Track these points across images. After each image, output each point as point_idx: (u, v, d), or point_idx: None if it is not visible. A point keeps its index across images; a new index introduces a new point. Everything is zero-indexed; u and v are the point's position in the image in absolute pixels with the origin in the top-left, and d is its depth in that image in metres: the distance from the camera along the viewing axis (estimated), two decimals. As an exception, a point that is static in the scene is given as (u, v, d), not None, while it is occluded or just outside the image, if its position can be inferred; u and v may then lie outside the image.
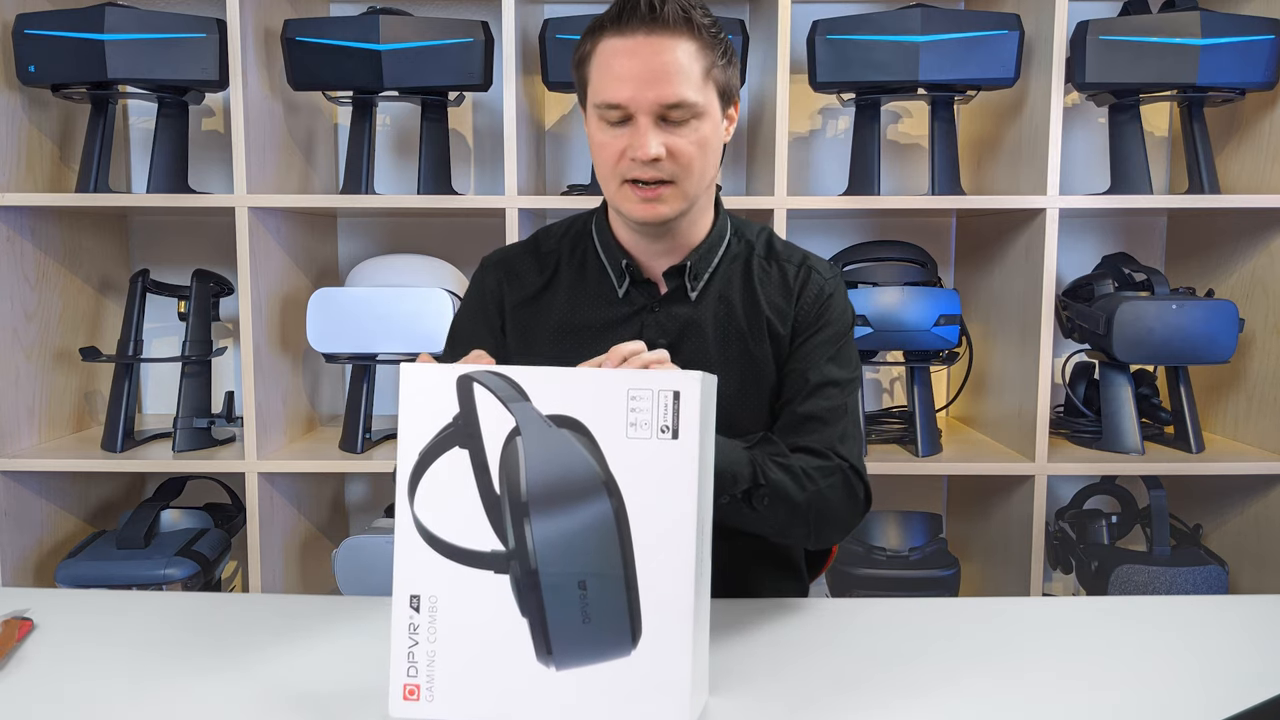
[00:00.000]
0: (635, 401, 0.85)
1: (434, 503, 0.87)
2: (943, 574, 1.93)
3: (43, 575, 2.01)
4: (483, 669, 0.87)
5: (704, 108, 1.10)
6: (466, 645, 0.87)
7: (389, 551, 1.83)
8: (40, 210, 2.02)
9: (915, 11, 1.87)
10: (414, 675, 0.87)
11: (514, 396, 0.86)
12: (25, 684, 0.99)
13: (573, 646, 0.86)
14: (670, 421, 0.85)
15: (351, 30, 1.88)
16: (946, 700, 0.95)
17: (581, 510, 0.85)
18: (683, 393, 0.85)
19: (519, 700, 0.86)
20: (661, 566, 0.85)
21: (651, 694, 0.85)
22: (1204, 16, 1.85)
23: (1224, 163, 2.12)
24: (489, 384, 0.86)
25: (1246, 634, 1.12)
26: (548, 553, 0.86)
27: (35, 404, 2.04)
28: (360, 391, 2.02)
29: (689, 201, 1.15)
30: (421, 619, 0.87)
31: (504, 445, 0.86)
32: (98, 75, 1.87)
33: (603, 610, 0.85)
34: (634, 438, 0.85)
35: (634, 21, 1.08)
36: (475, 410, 0.86)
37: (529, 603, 0.86)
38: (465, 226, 2.31)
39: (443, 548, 0.87)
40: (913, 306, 1.92)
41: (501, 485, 0.86)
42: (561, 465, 0.86)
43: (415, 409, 0.87)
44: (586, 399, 0.86)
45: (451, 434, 0.87)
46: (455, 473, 0.87)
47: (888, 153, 2.31)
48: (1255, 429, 2.04)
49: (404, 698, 0.87)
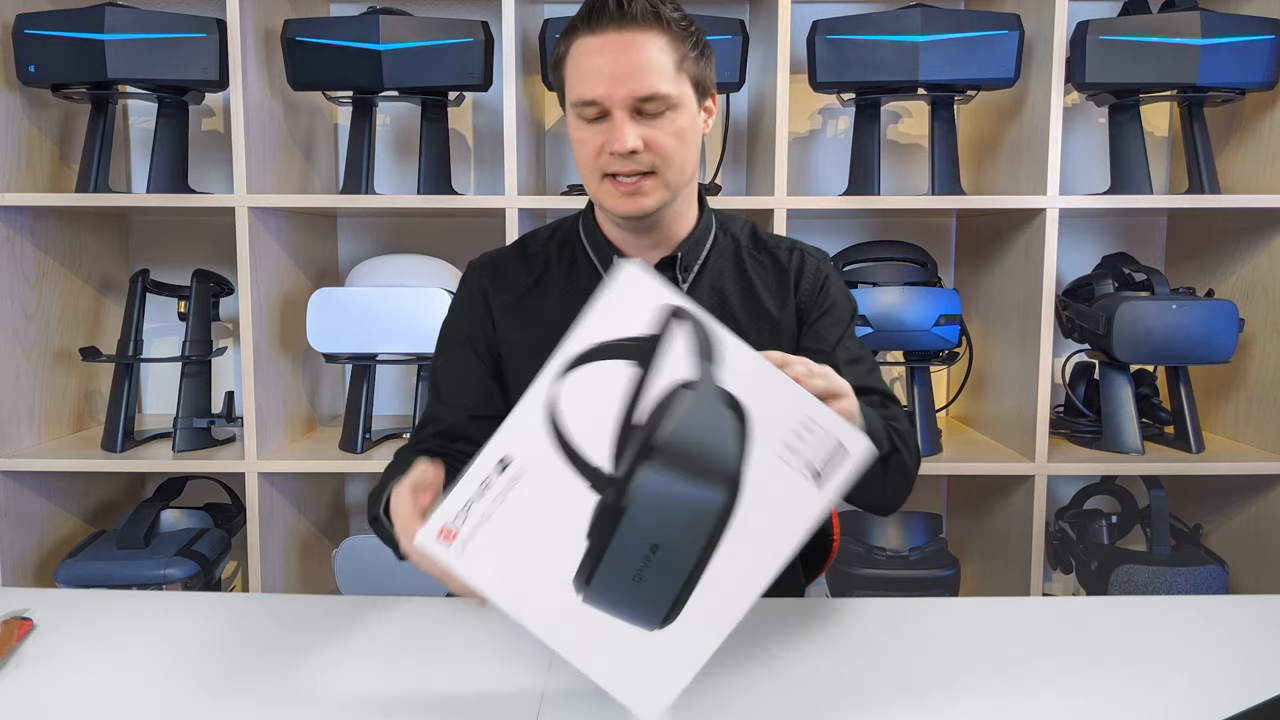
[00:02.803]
0: (804, 430, 0.85)
1: (577, 393, 0.85)
2: (943, 574, 1.93)
3: (43, 575, 2.01)
4: (520, 558, 0.85)
5: (678, 99, 1.12)
6: (521, 529, 0.85)
7: (389, 553, 1.84)
8: (40, 210, 2.02)
9: (915, 11, 1.87)
10: (458, 522, 0.84)
11: (705, 354, 0.85)
12: (25, 684, 0.99)
13: (611, 593, 0.85)
14: (823, 468, 0.85)
15: (351, 30, 1.88)
16: (946, 700, 0.95)
17: (696, 488, 0.84)
18: (849, 450, 0.85)
19: (531, 602, 0.85)
20: (731, 582, 0.85)
21: (645, 674, 0.85)
22: (1204, 16, 1.85)
23: (1224, 163, 2.12)
24: (693, 331, 0.85)
25: (1246, 634, 1.12)
26: (643, 502, 0.84)
27: (35, 404, 2.04)
28: (360, 391, 2.02)
29: (671, 192, 1.16)
30: (498, 482, 0.84)
31: (670, 389, 0.85)
32: (98, 75, 1.87)
33: (656, 581, 0.84)
34: (783, 460, 0.85)
35: (603, 20, 1.10)
36: (668, 342, 0.85)
37: (599, 531, 0.84)
38: (465, 226, 2.31)
39: (560, 435, 0.85)
40: (913, 306, 1.92)
41: (644, 419, 0.84)
42: (706, 440, 0.84)
43: (619, 305, 0.86)
44: (765, 397, 0.85)
45: (636, 347, 0.85)
46: (612, 381, 0.85)
47: (888, 153, 2.31)
48: (1255, 429, 2.04)
49: (436, 535, 0.84)
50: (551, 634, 0.85)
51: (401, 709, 0.93)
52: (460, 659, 1.05)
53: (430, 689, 0.97)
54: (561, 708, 0.93)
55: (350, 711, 0.93)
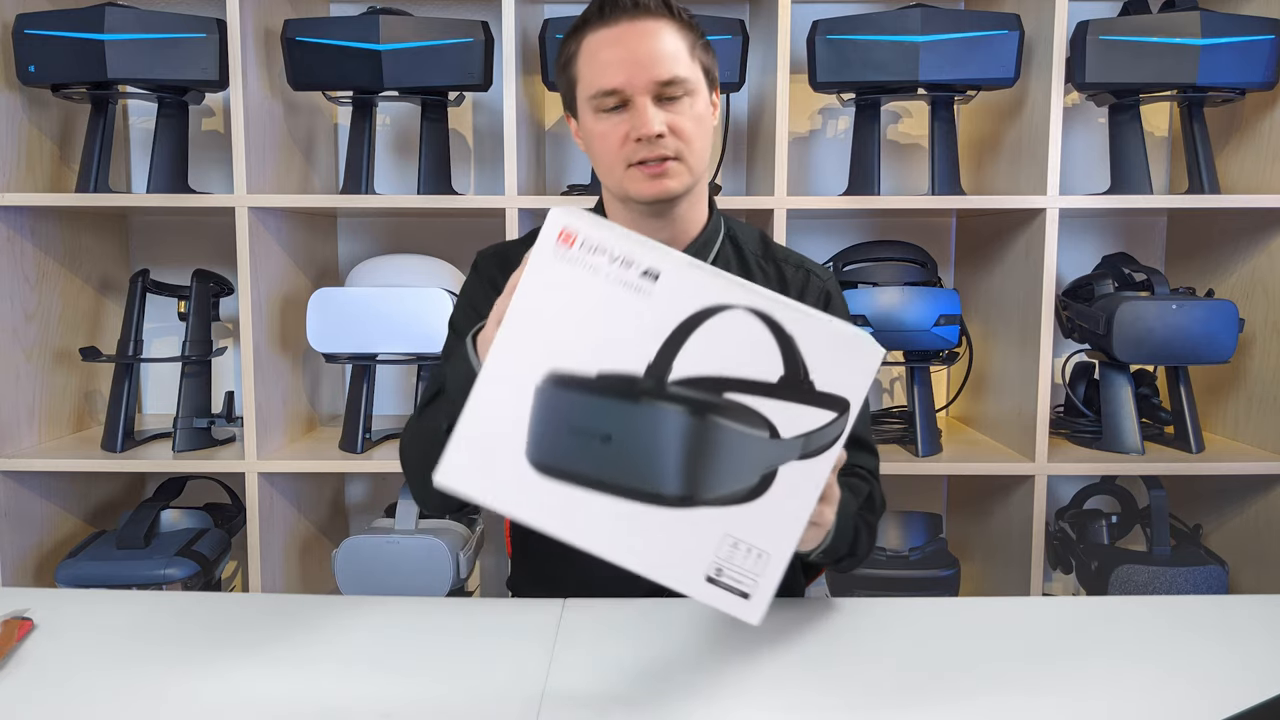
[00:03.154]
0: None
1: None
2: (943, 574, 1.93)
3: (43, 575, 2.01)
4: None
5: (695, 84, 1.14)
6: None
7: (389, 552, 1.84)
8: (40, 210, 2.02)
9: (915, 11, 1.87)
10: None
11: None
12: (25, 684, 0.99)
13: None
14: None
15: (351, 30, 1.88)
16: (946, 700, 0.95)
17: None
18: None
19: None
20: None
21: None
22: (1204, 16, 1.85)
23: (1224, 163, 2.12)
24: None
25: (1246, 634, 1.12)
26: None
27: (35, 404, 2.04)
28: (360, 391, 2.02)
29: (694, 178, 1.17)
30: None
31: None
32: (98, 75, 1.87)
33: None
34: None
35: (616, 12, 1.12)
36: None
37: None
38: (465, 226, 2.31)
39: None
40: (913, 306, 1.92)
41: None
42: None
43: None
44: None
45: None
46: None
47: (888, 153, 2.31)
48: (1255, 429, 2.04)
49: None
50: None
51: (401, 709, 0.93)
52: (460, 659, 1.05)
53: (430, 689, 0.97)
54: (561, 708, 0.93)
55: (350, 711, 0.93)
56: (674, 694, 0.96)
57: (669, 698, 0.96)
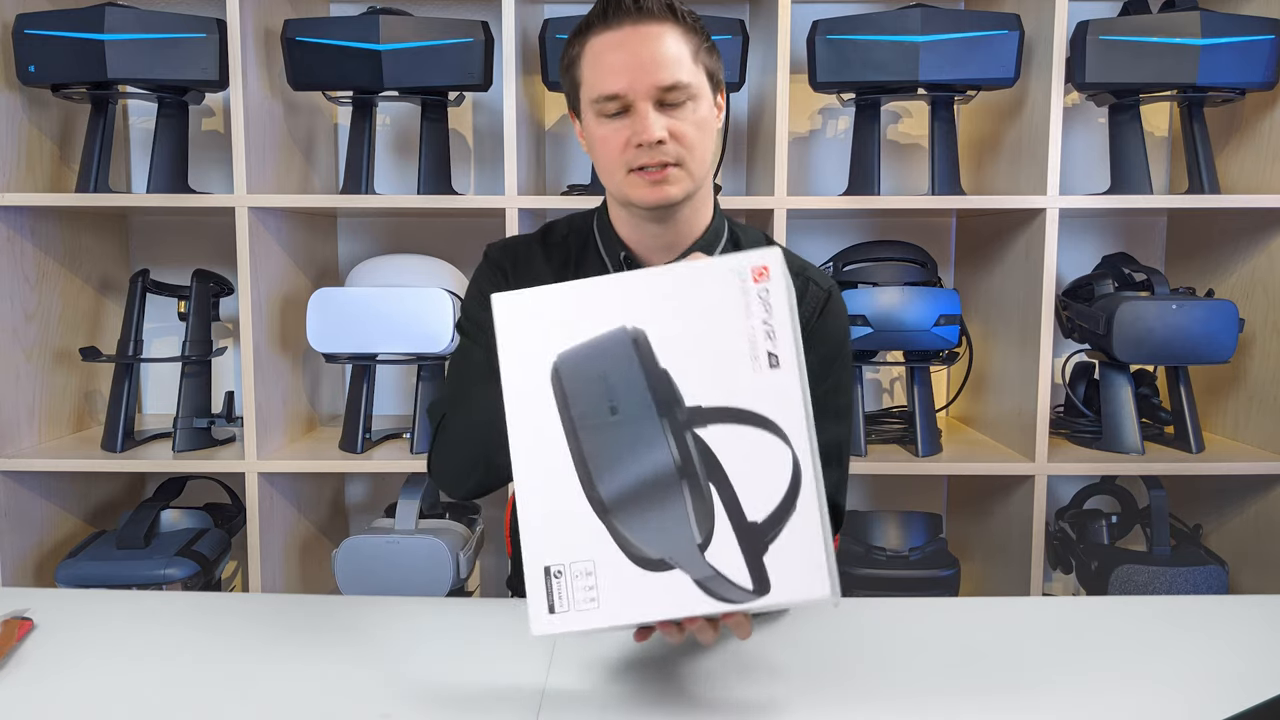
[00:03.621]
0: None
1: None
2: (943, 574, 1.93)
3: (43, 575, 2.01)
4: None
5: (698, 89, 1.13)
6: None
7: (389, 552, 1.84)
8: (40, 210, 2.02)
9: (915, 11, 1.87)
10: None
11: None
12: (25, 684, 0.99)
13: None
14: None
15: (351, 30, 1.88)
16: (946, 700, 0.95)
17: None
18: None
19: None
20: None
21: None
22: (1204, 16, 1.85)
23: (1224, 163, 2.12)
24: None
25: (1246, 634, 1.12)
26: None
27: (35, 404, 2.04)
28: (360, 391, 2.02)
29: (695, 184, 1.16)
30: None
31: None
32: (98, 75, 1.87)
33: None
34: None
35: (619, 15, 1.11)
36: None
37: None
38: (465, 226, 2.31)
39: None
40: (913, 306, 1.92)
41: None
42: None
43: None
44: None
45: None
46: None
47: (888, 153, 2.31)
48: (1255, 429, 2.04)
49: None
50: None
51: (401, 709, 0.93)
52: (460, 659, 1.05)
53: (430, 689, 0.97)
54: (561, 708, 0.93)
55: (350, 711, 0.93)
56: (673, 694, 0.96)
57: (668, 698, 0.96)
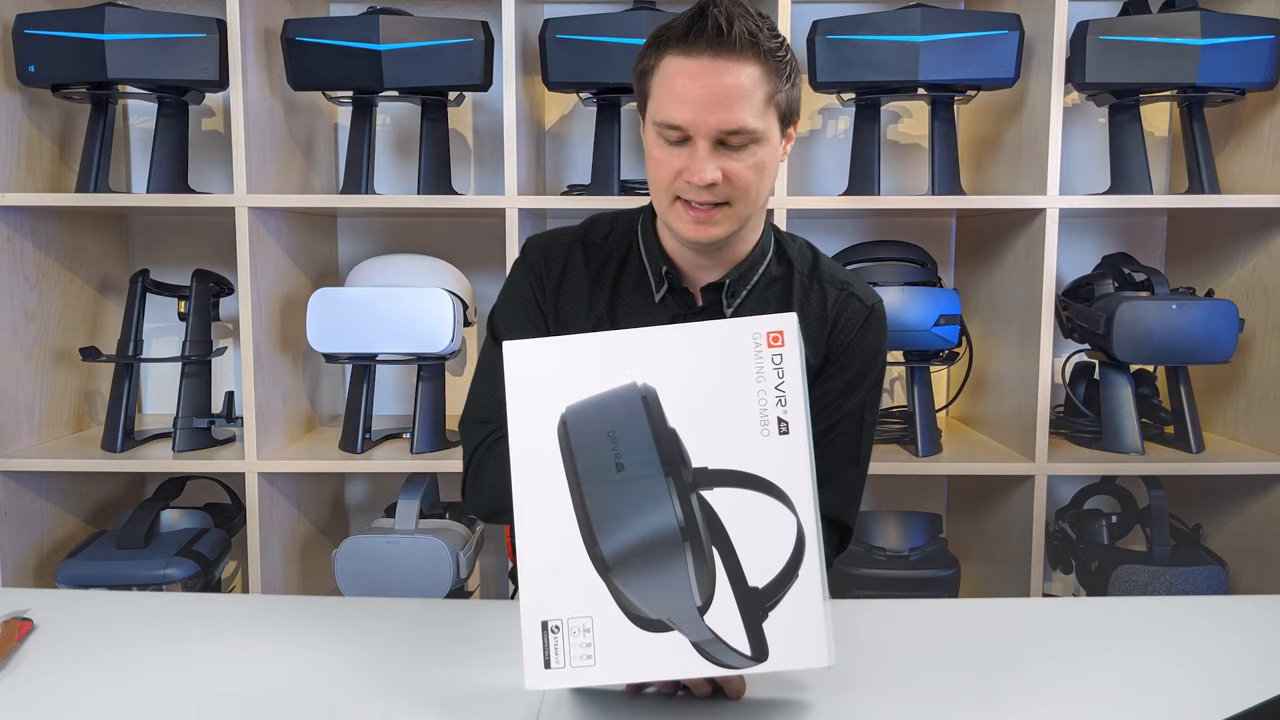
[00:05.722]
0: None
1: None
2: (943, 574, 1.93)
3: (43, 575, 2.01)
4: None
5: (763, 133, 1.09)
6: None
7: (389, 552, 1.84)
8: (40, 210, 2.02)
9: (915, 11, 1.87)
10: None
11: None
12: (25, 684, 0.99)
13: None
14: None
15: (351, 30, 1.88)
16: (946, 700, 0.95)
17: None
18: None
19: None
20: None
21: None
22: (1204, 16, 1.85)
23: (1224, 163, 2.12)
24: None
25: (1246, 634, 1.12)
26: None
27: (35, 404, 2.04)
28: (360, 391, 2.02)
29: (741, 223, 1.14)
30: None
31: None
32: (98, 75, 1.87)
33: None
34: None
35: (700, 42, 1.06)
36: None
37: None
38: (465, 226, 2.31)
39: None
40: (913, 306, 1.92)
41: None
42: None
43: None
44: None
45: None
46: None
47: (888, 153, 2.31)
48: (1255, 429, 2.04)
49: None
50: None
51: (401, 709, 0.93)
52: (460, 659, 1.05)
53: (430, 689, 0.97)
54: (561, 708, 0.94)
55: (350, 711, 0.93)
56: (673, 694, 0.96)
57: (668, 699, 0.96)
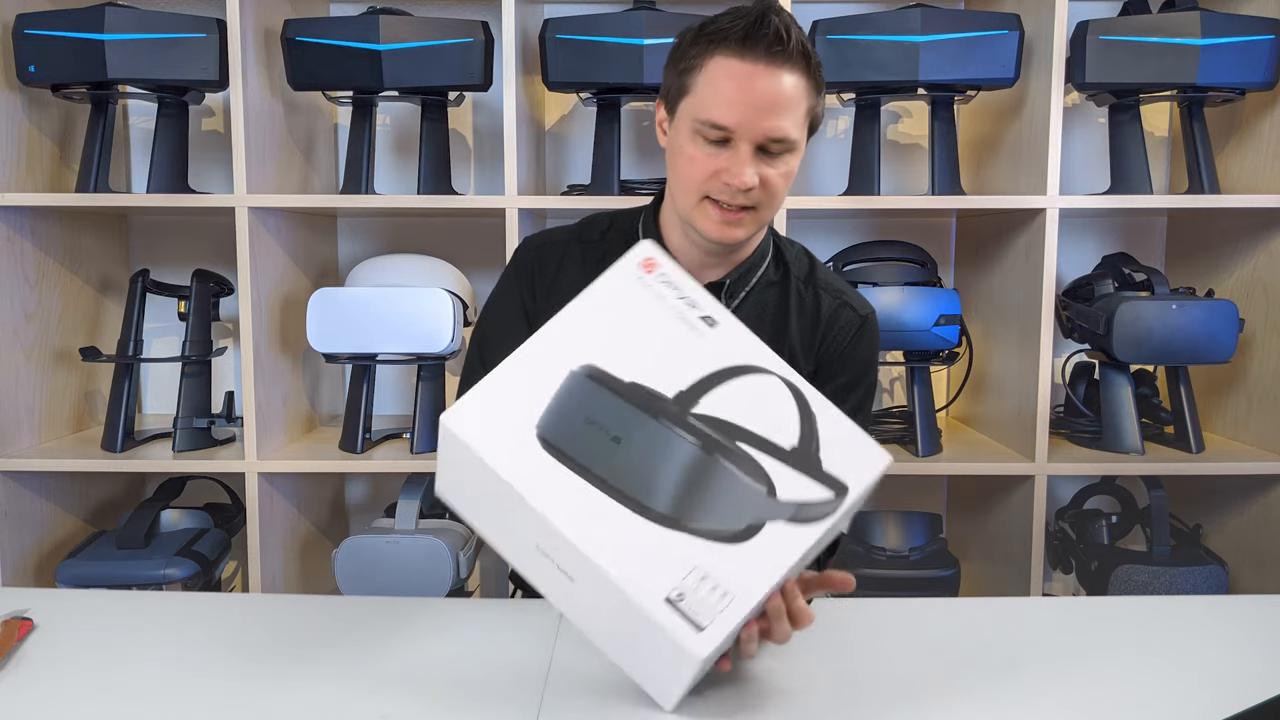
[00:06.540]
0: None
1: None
2: (943, 574, 1.93)
3: (43, 575, 2.01)
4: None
5: (798, 144, 1.11)
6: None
7: (389, 552, 1.84)
8: (40, 210, 2.02)
9: (915, 11, 1.87)
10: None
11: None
12: (25, 684, 0.99)
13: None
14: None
15: (351, 30, 1.88)
16: (946, 700, 0.95)
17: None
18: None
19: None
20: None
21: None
22: (1204, 16, 1.85)
23: (1224, 163, 2.12)
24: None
25: (1246, 634, 1.12)
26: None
27: (35, 404, 2.04)
28: (360, 391, 2.02)
29: (761, 227, 1.16)
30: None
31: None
32: (98, 75, 1.87)
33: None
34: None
35: (757, 47, 1.06)
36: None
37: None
38: (465, 226, 2.31)
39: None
40: (913, 306, 1.92)
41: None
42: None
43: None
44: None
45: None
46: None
47: (888, 153, 2.31)
48: (1255, 429, 2.04)
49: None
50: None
51: (401, 709, 0.93)
52: (460, 659, 1.05)
53: (430, 689, 0.97)
54: (561, 708, 0.93)
55: (350, 711, 0.93)
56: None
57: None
